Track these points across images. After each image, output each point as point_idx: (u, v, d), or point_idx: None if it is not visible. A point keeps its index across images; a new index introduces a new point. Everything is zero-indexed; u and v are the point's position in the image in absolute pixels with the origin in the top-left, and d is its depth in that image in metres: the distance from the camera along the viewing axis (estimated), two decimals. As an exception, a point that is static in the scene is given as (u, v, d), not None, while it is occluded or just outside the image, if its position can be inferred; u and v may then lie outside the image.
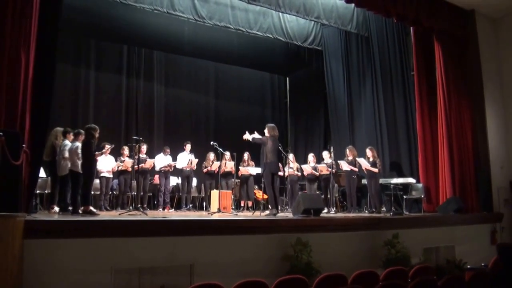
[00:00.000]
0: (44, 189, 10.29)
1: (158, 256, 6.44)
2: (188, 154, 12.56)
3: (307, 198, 9.56)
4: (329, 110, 15.63)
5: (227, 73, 17.11)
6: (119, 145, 12.33)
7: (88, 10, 12.22)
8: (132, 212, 9.09)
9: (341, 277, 5.74)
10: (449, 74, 12.48)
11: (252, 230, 7.54)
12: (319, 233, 7.97)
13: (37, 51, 7.15)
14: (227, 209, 11.05)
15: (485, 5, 12.82)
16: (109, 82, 14.59)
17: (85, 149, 8.60)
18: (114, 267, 6.06)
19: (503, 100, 13.30)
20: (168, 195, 12.44)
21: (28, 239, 5.61)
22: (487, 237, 11.46)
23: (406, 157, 13.34)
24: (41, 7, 7.25)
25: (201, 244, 6.84)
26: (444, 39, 12.66)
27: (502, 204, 12.42)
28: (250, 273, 5.92)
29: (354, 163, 11.99)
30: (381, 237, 8.67)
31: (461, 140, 12.39)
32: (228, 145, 12.73)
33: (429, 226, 10.14)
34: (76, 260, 5.81)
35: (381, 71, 14.05)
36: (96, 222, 6.85)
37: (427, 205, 12.31)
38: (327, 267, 6.85)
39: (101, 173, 11.22)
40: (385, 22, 13.78)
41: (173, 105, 15.73)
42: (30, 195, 7.29)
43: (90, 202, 8.73)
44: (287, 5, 12.32)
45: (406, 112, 13.51)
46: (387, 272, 6.17)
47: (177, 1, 12.17)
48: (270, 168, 9.78)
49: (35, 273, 5.58)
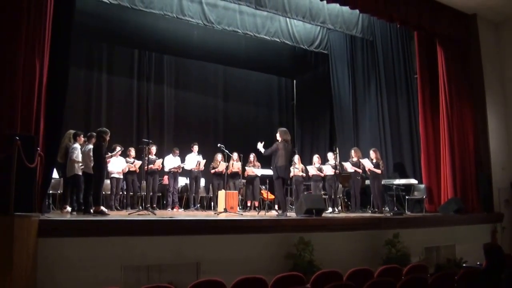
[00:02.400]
0: (57, 190, 10.54)
1: (165, 254, 6.70)
2: (196, 156, 12.76)
3: (309, 198, 9.78)
4: (335, 112, 15.80)
5: (235, 76, 17.31)
6: (130, 146, 12.61)
7: (100, 15, 12.46)
8: (141, 212, 9.33)
9: (337, 274, 5.93)
10: (451, 77, 12.65)
11: (257, 229, 7.80)
12: (321, 233, 8.20)
13: (51, 56, 7.36)
14: (234, 209, 11.25)
15: (487, 9, 12.93)
16: (121, 85, 14.86)
17: (96, 151, 8.87)
18: (124, 265, 6.32)
19: (505, 103, 13.42)
20: (176, 195, 12.65)
21: (42, 238, 5.88)
22: (487, 236, 11.58)
23: (409, 159, 13.50)
24: (54, 14, 7.48)
25: (207, 243, 7.09)
26: (447, 43, 12.82)
27: (503, 205, 12.57)
28: (255, 271, 6.02)
29: (358, 164, 12.18)
30: (382, 236, 8.89)
31: (463, 142, 12.58)
32: (236, 146, 13.05)
33: (429, 226, 10.34)
34: (87, 257, 6.07)
35: (385, 74, 14.24)
36: (107, 222, 7.12)
37: (429, 206, 12.46)
38: (328, 265, 6.97)
39: (111, 174, 11.43)
40: (389, 27, 13.96)
41: (182, 107, 15.96)
42: (44, 196, 7.57)
43: (101, 202, 8.99)
44: (294, 10, 12.55)
45: (409, 114, 13.67)
46: (382, 269, 6.35)
47: (186, 6, 12.39)
48: (280, 173, 9.86)
49: (48, 269, 5.84)
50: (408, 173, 13.28)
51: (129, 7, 11.64)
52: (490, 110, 13.01)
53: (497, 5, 12.65)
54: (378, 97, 14.41)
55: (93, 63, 14.40)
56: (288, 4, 12.40)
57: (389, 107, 14.05)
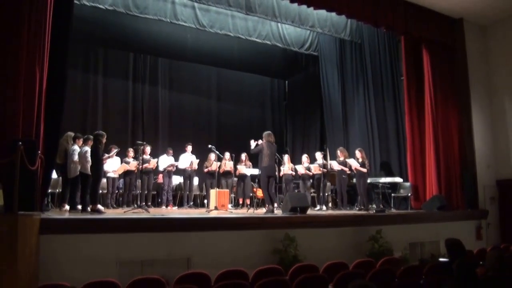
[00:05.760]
0: (55, 189, 10.81)
1: (158, 250, 7.09)
2: (190, 155, 13.06)
3: (294, 197, 10.17)
4: (325, 112, 16.02)
5: (228, 77, 17.66)
6: (126, 146, 12.99)
7: (96, 20, 12.73)
8: (136, 210, 9.69)
9: (313, 267, 6.32)
10: (436, 80, 13.01)
11: (245, 226, 8.17)
12: (305, 229, 8.57)
13: (50, 63, 7.71)
14: (225, 207, 11.63)
15: (473, 14, 13.21)
16: (116, 87, 15.25)
17: (94, 153, 9.27)
18: (119, 260, 6.71)
19: (490, 103, 13.75)
20: (171, 193, 12.96)
21: (43, 235, 6.28)
22: (472, 233, 11.96)
23: (395, 158, 13.86)
24: (53, 22, 7.85)
25: (197, 239, 7.47)
26: (433, 47, 13.16)
27: (489, 202, 12.96)
28: (243, 266, 6.29)
29: (344, 163, 12.49)
30: (366, 232, 9.27)
31: (448, 141, 12.94)
32: (229, 146, 13.48)
33: (413, 223, 10.67)
34: (85, 253, 6.47)
35: (372, 76, 14.57)
36: (103, 220, 7.49)
37: (415, 203, 12.78)
38: (312, 260, 7.23)
39: (107, 173, 11.75)
40: (376, 30, 14.20)
41: (176, 108, 16.34)
42: (44, 195, 7.98)
43: (97, 201, 9.34)
44: (283, 15, 12.88)
45: (396, 115, 14.05)
46: (356, 263, 6.73)
47: (179, 11, 12.74)
48: (266, 172, 10.19)
49: (49, 264, 6.20)
50: (395, 171, 13.61)
51: (124, 12, 12.02)
52: (475, 111, 13.35)
53: (483, 10, 12.94)
54: (365, 98, 14.72)
55: (90, 66, 14.79)
56: (278, 9, 12.73)
57: (377, 107, 14.38)
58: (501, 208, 13.16)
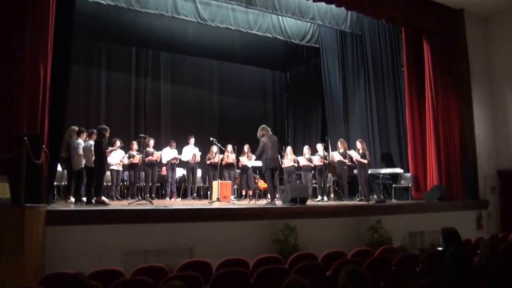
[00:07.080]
0: (61, 181, 10.97)
1: (162, 240, 7.27)
2: (193, 148, 13.15)
3: (294, 188, 10.33)
4: (326, 104, 16.01)
5: (230, 70, 17.72)
6: (129, 139, 13.17)
7: (99, 15, 12.86)
8: (140, 202, 9.89)
9: (312, 256, 6.46)
10: (436, 71, 13.04)
11: (246, 217, 8.35)
12: (305, 219, 8.74)
13: (53, 59, 7.88)
14: (227, 198, 11.75)
15: (474, 4, 13.19)
16: (119, 81, 15.37)
17: (97, 147, 9.44)
18: (124, 250, 6.88)
19: (491, 94, 13.76)
20: (174, 185, 13.06)
21: (49, 226, 6.44)
22: (473, 222, 12.03)
23: (396, 148, 13.94)
24: (56, 20, 7.96)
25: (200, 229, 7.64)
26: (433, 38, 13.17)
27: (489, 192, 13.01)
28: (244, 255, 6.35)
29: (345, 155, 12.59)
30: (366, 222, 9.42)
31: (448, 132, 13.00)
32: (231, 138, 13.58)
33: (413, 213, 10.78)
34: (90, 243, 6.63)
35: (373, 67, 14.61)
36: (108, 211, 7.67)
37: (416, 193, 12.89)
38: (312, 249, 7.32)
39: (110, 166, 11.87)
40: (377, 22, 14.24)
41: (179, 101, 16.42)
42: (49, 188, 8.17)
43: (102, 193, 9.55)
44: (283, 7, 12.94)
45: (397, 106, 14.10)
46: (354, 252, 6.86)
47: (180, 5, 12.81)
48: (269, 164, 10.32)
49: (55, 254, 6.36)
50: (396, 162, 13.69)
51: (126, 7, 12.11)
52: (476, 101, 13.37)
53: (483, 0, 12.92)
54: (366, 89, 14.75)
55: (93, 61, 14.90)
56: (278, 2, 12.80)
57: (377, 99, 14.42)
58: (502, 198, 13.20)
